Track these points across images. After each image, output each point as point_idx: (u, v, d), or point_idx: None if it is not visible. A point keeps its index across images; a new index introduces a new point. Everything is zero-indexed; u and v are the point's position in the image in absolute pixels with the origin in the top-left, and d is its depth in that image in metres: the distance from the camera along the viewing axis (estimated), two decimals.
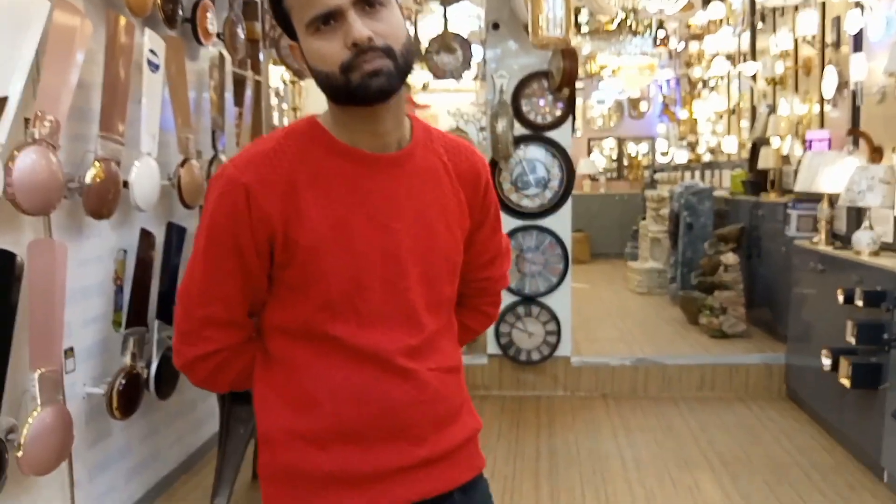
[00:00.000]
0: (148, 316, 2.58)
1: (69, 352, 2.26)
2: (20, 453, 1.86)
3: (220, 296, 1.03)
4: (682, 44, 7.73)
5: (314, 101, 7.49)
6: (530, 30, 2.90)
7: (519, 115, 3.79)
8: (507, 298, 3.90)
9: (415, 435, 1.05)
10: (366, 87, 0.95)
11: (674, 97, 9.12)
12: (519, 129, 3.82)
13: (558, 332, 3.90)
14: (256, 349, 1.10)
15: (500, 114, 3.62)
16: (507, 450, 3.20)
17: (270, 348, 1.07)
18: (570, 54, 3.44)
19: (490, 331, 3.93)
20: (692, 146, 8.08)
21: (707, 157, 7.52)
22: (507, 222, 3.88)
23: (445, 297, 1.11)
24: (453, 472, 1.10)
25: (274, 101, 6.84)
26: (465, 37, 4.12)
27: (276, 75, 5.79)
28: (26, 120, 1.94)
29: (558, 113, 3.81)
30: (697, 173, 7.64)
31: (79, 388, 2.31)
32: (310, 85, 7.13)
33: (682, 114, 8.65)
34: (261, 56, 4.22)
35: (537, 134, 3.83)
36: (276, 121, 6.93)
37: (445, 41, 3.78)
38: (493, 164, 3.84)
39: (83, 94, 2.25)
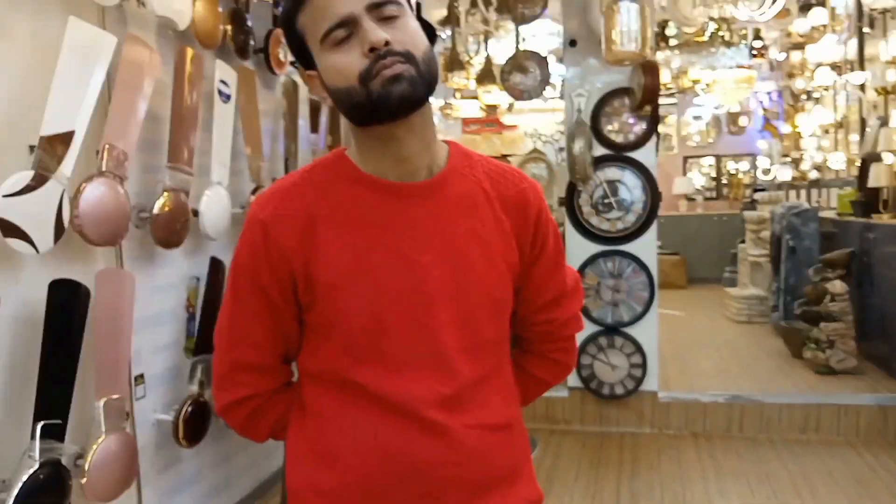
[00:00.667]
0: None
1: (139, 378, 2.29)
2: (84, 480, 1.88)
3: (249, 339, 0.98)
4: (783, 54, 7.28)
5: None
6: (604, 45, 2.76)
7: (599, 134, 3.63)
8: (588, 329, 3.71)
9: (448, 501, 0.93)
10: (387, 94, 0.87)
11: (776, 111, 8.61)
12: (600, 150, 3.65)
13: (644, 365, 3.67)
14: (294, 397, 1.03)
15: (577, 134, 3.48)
16: (584, 491, 3.00)
17: (303, 396, 1.00)
18: (651, 69, 3.25)
19: None
20: (796, 163, 7.57)
21: (813, 175, 7.01)
22: (588, 247, 3.71)
23: (488, 340, 0.99)
24: None
25: None
26: (545, 55, 4.01)
27: None
28: (98, 153, 1.99)
29: (641, 131, 3.62)
30: (803, 192, 7.14)
31: (149, 414, 2.33)
32: None
33: (785, 128, 8.14)
34: None
35: (619, 154, 3.65)
36: None
37: (518, 61, 3.68)
38: (572, 186, 3.69)
39: (155, 125, 2.30)
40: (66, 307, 1.85)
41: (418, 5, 3.77)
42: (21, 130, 1.78)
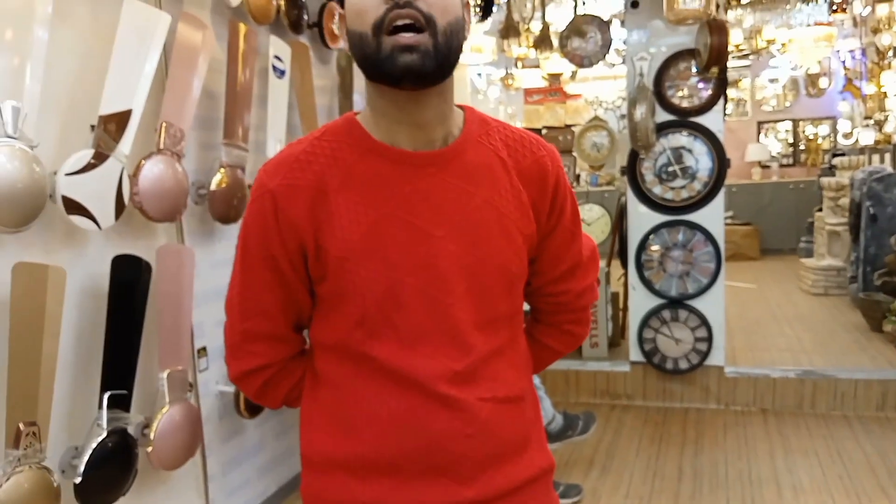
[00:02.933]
0: None
1: (202, 351, 2.36)
2: (150, 448, 1.96)
3: (259, 309, 0.98)
4: (868, 8, 6.80)
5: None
6: (665, 3, 2.63)
7: (662, 99, 3.48)
8: (650, 301, 3.62)
9: (461, 472, 0.93)
10: (394, 59, 0.84)
11: (859, 70, 8.09)
12: (663, 115, 3.51)
13: (709, 339, 3.55)
14: (307, 366, 1.03)
15: (638, 99, 3.35)
16: (645, 466, 2.95)
17: (317, 366, 1.01)
18: (718, 28, 3.08)
19: (632, 336, 3.66)
20: (880, 125, 7.11)
21: None
22: (651, 217, 3.60)
23: (502, 314, 0.97)
24: None
25: None
26: (606, 18, 3.86)
27: None
28: (156, 130, 2.03)
29: (707, 95, 3.45)
30: (887, 156, 6.71)
31: (212, 386, 2.40)
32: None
33: (869, 88, 7.64)
34: None
35: (684, 120, 3.50)
36: None
37: (577, 25, 3.55)
38: (633, 154, 3.57)
39: (210, 102, 2.34)
40: (129, 282, 1.92)
41: None
42: (83, 110, 1.83)
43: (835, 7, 5.21)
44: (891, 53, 6.68)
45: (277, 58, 2.60)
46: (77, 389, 1.85)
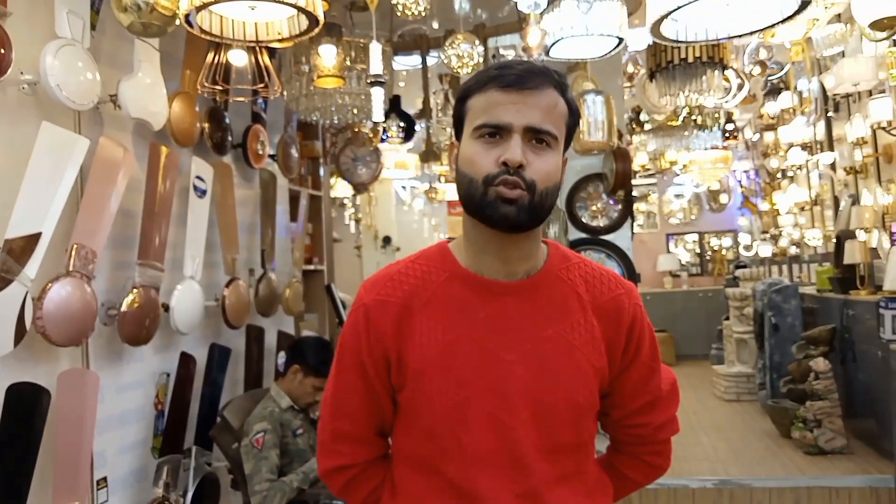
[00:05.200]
0: (186, 442, 2.53)
1: (102, 482, 2.21)
2: None
3: (347, 411, 1.06)
4: (757, 135, 7.49)
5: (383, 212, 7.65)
6: None
7: (574, 219, 3.68)
8: None
9: None
10: (495, 207, 0.95)
11: (754, 188, 8.79)
12: (575, 233, 3.70)
13: None
14: (388, 471, 1.09)
15: (551, 220, 3.53)
16: None
17: (395, 476, 1.06)
18: (622, 156, 3.35)
19: None
20: (775, 239, 7.67)
21: (793, 251, 7.10)
22: None
23: (568, 443, 1.01)
24: None
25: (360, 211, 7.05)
26: None
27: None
28: (66, 251, 1.99)
29: (616, 215, 3.68)
30: (785, 267, 7.20)
31: None
32: (380, 194, 7.32)
33: (764, 206, 8.30)
34: (321, 171, 4.37)
35: (595, 238, 3.70)
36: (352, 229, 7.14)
37: None
38: None
39: (128, 222, 2.32)
40: (24, 413, 1.81)
41: (397, 97, 3.82)
42: None
43: (728, 135, 5.73)
44: (779, 175, 7.32)
45: (199, 178, 2.62)
46: None
